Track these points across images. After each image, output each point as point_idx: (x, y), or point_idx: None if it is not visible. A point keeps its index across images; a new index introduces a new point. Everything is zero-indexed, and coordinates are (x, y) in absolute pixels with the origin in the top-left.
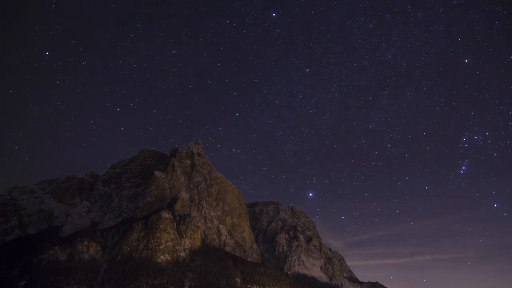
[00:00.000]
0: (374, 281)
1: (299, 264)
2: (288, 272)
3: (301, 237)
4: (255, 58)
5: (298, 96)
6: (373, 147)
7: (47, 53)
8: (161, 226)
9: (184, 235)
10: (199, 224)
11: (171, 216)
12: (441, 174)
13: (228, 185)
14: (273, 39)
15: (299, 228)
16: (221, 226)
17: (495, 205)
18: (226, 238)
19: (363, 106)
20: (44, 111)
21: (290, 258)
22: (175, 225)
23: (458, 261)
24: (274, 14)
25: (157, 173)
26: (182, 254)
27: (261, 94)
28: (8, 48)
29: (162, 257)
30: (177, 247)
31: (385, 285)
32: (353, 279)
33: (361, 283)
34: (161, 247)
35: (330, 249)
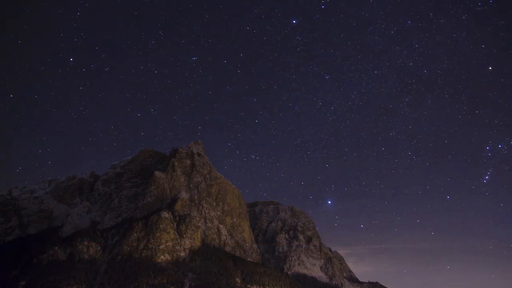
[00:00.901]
0: (374, 281)
1: (299, 264)
2: (288, 272)
3: (301, 237)
4: (275, 65)
5: (317, 103)
6: (393, 155)
7: (71, 59)
8: (161, 226)
9: (184, 235)
10: (199, 224)
11: (171, 216)
12: (464, 184)
13: (228, 185)
14: (293, 46)
15: (299, 228)
16: (221, 226)
17: None
18: (226, 238)
19: (384, 113)
20: (67, 116)
21: (290, 258)
22: (175, 225)
23: (481, 273)
24: (294, 21)
25: (157, 173)
26: (182, 254)
27: (280, 100)
28: (34, 54)
29: (162, 257)
30: (177, 247)
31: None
32: (353, 279)
33: (361, 283)
34: (161, 247)
35: (330, 249)
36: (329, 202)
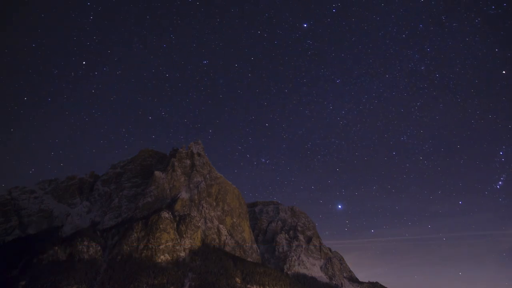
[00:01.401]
0: (374, 281)
1: (299, 264)
2: (288, 272)
3: (301, 237)
4: (286, 69)
5: (328, 107)
6: (404, 160)
7: (83, 62)
8: (161, 226)
9: (184, 235)
10: (199, 224)
11: (171, 216)
12: (476, 189)
13: (228, 185)
14: (304, 50)
15: (299, 228)
16: (221, 226)
17: None
18: (226, 238)
19: (395, 117)
20: (79, 119)
21: (290, 258)
22: (175, 225)
23: (495, 280)
24: (305, 25)
25: (157, 173)
26: (182, 254)
27: (291, 104)
28: (47, 57)
29: (162, 257)
30: (177, 247)
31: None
32: (353, 279)
33: (361, 283)
34: (161, 247)
35: (330, 249)
36: (340, 206)
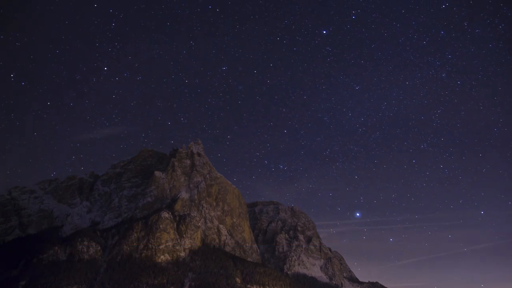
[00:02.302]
0: (374, 281)
1: (299, 264)
2: (288, 272)
3: (301, 237)
4: (305, 75)
5: (347, 114)
6: (424, 168)
7: (105, 68)
8: (161, 226)
9: (184, 235)
10: (199, 224)
11: (171, 216)
12: (499, 199)
13: (228, 185)
14: (323, 57)
15: (299, 228)
16: (221, 226)
17: None
18: (226, 238)
19: (415, 125)
20: (100, 124)
21: (290, 258)
22: (175, 225)
23: None
24: (324, 32)
25: (157, 173)
26: (182, 254)
27: (310, 111)
28: (70, 63)
29: (162, 257)
30: (177, 247)
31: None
32: (353, 279)
33: (361, 283)
34: (161, 247)
35: (330, 249)
36: (358, 214)
